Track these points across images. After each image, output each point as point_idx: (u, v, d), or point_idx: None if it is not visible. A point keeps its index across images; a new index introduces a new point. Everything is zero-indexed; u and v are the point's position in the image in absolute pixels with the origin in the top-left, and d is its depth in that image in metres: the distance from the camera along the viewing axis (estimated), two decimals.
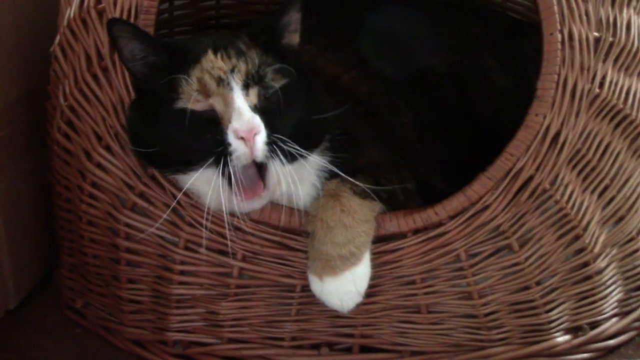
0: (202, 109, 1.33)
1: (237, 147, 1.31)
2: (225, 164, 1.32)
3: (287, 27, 1.40)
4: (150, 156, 1.39)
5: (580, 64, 1.44)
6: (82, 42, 1.51)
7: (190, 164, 1.35)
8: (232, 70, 1.33)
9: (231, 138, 1.31)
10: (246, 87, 1.33)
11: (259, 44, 1.38)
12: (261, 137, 1.31)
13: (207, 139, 1.33)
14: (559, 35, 1.42)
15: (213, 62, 1.34)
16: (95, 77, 1.50)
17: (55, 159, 1.63)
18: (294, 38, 1.42)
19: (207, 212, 1.40)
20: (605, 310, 1.58)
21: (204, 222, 1.42)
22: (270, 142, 1.32)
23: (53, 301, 1.76)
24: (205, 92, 1.33)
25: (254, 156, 1.32)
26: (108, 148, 1.50)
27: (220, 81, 1.32)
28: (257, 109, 1.33)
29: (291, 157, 1.34)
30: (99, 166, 1.51)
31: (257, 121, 1.31)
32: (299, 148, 1.34)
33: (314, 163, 1.42)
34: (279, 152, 1.33)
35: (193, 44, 1.40)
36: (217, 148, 1.32)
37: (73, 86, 1.53)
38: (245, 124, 1.31)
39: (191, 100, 1.32)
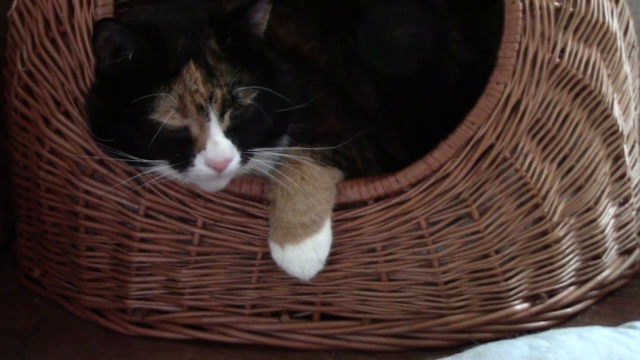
0: (176, 127, 1.31)
1: (205, 170, 1.32)
2: (186, 172, 1.33)
3: (256, 26, 1.37)
4: (107, 146, 1.37)
5: (540, 33, 1.45)
6: (40, 6, 1.49)
7: (149, 165, 1.35)
8: (210, 99, 1.31)
9: (200, 162, 1.31)
10: (222, 115, 1.32)
11: (228, 52, 1.34)
12: (234, 164, 1.32)
13: (174, 152, 1.33)
14: (520, 4, 1.43)
15: (195, 81, 1.31)
16: (53, 42, 1.48)
17: (12, 126, 1.60)
18: (262, 30, 1.39)
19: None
20: (563, 279, 1.60)
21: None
22: (242, 159, 1.33)
23: (10, 270, 1.75)
24: (183, 113, 1.31)
25: (222, 176, 1.34)
26: (67, 114, 1.48)
27: (200, 109, 1.31)
28: (230, 131, 1.33)
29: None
30: (58, 132, 1.49)
31: (231, 150, 1.31)
32: (268, 148, 1.37)
33: None
34: (248, 161, 1.35)
35: (170, 36, 1.34)
36: (183, 161, 1.32)
37: (31, 51, 1.51)
38: (220, 154, 1.31)
39: (167, 117, 1.30)
